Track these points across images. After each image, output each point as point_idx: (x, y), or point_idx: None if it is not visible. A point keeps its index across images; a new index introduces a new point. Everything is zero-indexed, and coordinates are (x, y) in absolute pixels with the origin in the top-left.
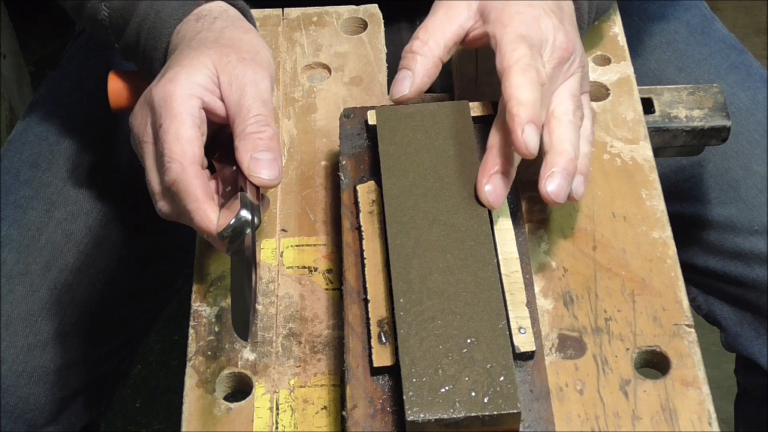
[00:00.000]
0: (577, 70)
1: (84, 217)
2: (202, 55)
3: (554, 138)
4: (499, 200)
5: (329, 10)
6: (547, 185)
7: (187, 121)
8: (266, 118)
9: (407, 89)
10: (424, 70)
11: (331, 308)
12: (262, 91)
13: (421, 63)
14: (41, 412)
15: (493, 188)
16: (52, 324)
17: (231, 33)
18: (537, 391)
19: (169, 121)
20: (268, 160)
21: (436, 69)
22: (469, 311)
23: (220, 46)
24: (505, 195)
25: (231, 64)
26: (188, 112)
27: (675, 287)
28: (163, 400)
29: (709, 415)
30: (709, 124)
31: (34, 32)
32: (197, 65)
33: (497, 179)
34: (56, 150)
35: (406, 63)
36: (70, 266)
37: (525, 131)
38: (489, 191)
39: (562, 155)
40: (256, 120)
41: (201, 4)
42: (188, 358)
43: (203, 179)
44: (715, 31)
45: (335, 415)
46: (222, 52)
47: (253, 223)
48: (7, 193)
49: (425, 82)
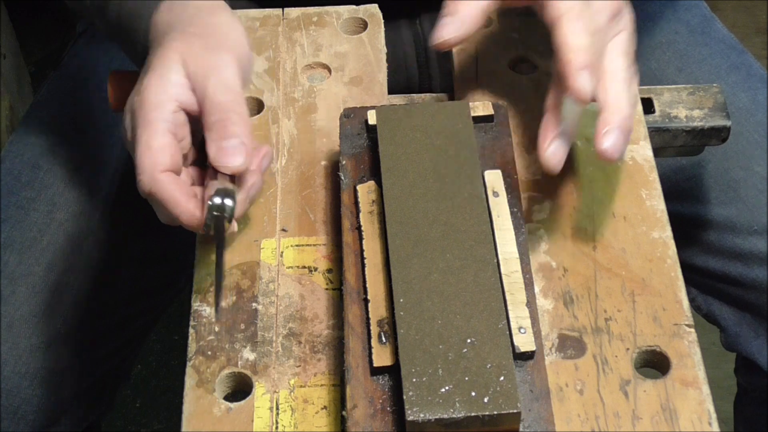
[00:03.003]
0: (626, 26)
1: (86, 219)
2: (170, 50)
3: (609, 95)
4: (561, 164)
5: (329, 10)
6: (603, 142)
7: (159, 129)
8: (230, 103)
9: (452, 33)
10: (470, 16)
11: (331, 308)
12: (225, 77)
13: (466, 7)
14: (43, 413)
15: (554, 152)
16: (54, 325)
17: (199, 18)
18: (537, 391)
19: (140, 131)
20: (232, 147)
21: (482, 17)
22: (469, 311)
23: (186, 36)
24: (565, 157)
25: (195, 54)
26: (161, 119)
27: (675, 287)
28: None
29: (709, 415)
30: (709, 124)
31: (34, 32)
32: (167, 64)
33: (558, 143)
34: (57, 151)
35: (449, 10)
36: (72, 267)
37: (580, 77)
38: (551, 154)
39: (618, 113)
40: (219, 108)
41: None
42: (188, 358)
43: (177, 182)
44: (716, 32)
45: (335, 415)
46: (188, 42)
47: (222, 207)
48: (8, 194)
49: (471, 27)
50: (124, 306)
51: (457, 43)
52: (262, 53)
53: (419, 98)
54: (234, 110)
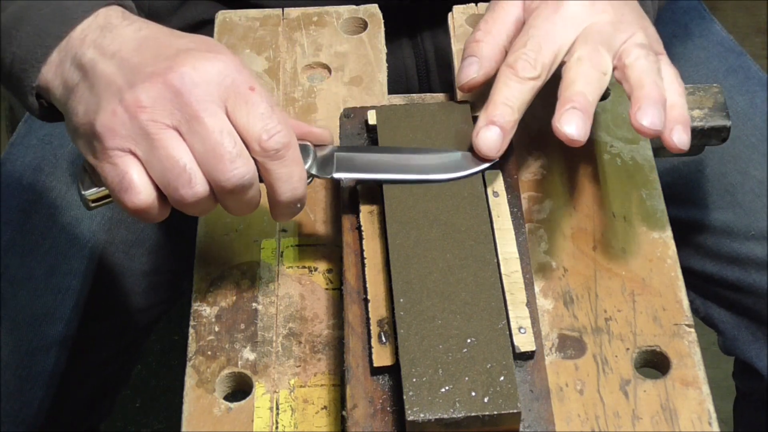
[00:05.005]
0: (638, 30)
1: (87, 222)
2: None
3: (632, 80)
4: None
5: (329, 10)
6: (640, 119)
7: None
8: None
9: (475, 73)
10: (491, 55)
11: (331, 308)
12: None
13: (486, 48)
14: (43, 416)
15: (568, 120)
16: (55, 328)
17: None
18: (537, 391)
19: (256, 95)
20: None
21: (501, 56)
22: (469, 311)
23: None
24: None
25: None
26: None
27: (675, 287)
28: (163, 400)
29: (709, 415)
30: (709, 124)
31: None
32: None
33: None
34: (59, 153)
35: (470, 51)
36: (74, 270)
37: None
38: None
39: (644, 87)
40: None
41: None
42: (188, 358)
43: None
44: (714, 34)
45: (335, 415)
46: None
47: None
48: (10, 197)
49: (492, 67)
50: (126, 309)
51: (481, 85)
52: (262, 53)
53: (419, 98)
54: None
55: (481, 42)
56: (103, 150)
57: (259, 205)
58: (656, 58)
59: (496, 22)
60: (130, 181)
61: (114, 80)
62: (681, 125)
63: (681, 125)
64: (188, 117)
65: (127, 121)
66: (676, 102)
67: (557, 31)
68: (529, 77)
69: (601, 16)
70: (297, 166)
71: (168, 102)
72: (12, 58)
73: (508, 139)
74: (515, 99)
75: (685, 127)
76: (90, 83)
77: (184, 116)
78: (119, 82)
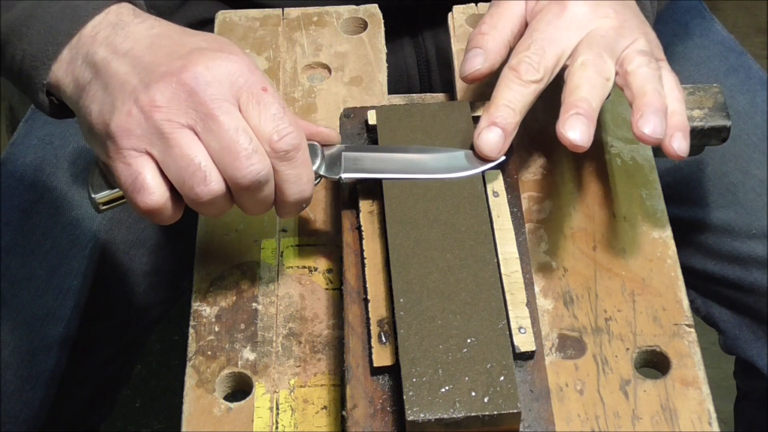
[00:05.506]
0: (640, 36)
1: (88, 222)
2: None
3: (634, 88)
4: (581, 137)
5: (329, 9)
6: (642, 128)
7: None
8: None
9: (480, 64)
10: (496, 48)
11: (331, 308)
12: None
13: (491, 41)
14: (44, 416)
15: (572, 125)
16: (56, 328)
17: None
18: (537, 391)
19: (267, 96)
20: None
21: (505, 50)
22: (469, 311)
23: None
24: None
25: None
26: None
27: (675, 287)
28: (163, 400)
29: (709, 415)
30: (709, 124)
31: None
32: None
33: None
34: (60, 154)
35: (475, 43)
36: (75, 271)
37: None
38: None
39: (646, 95)
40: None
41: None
42: (188, 358)
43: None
44: (714, 34)
45: (335, 415)
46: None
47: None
48: (10, 197)
49: (497, 60)
50: (127, 309)
51: (485, 76)
52: (262, 53)
53: (419, 98)
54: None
55: (487, 35)
56: (117, 150)
57: (273, 204)
58: (657, 65)
59: (501, 18)
60: (143, 181)
61: (128, 80)
62: (680, 132)
63: (680, 132)
64: (203, 116)
65: (143, 121)
66: (676, 109)
67: (560, 35)
68: (531, 80)
69: (603, 21)
70: (306, 167)
71: (183, 101)
72: (23, 56)
73: (509, 140)
74: (517, 101)
75: (685, 134)
76: (103, 82)
77: (199, 115)
78: (133, 82)
